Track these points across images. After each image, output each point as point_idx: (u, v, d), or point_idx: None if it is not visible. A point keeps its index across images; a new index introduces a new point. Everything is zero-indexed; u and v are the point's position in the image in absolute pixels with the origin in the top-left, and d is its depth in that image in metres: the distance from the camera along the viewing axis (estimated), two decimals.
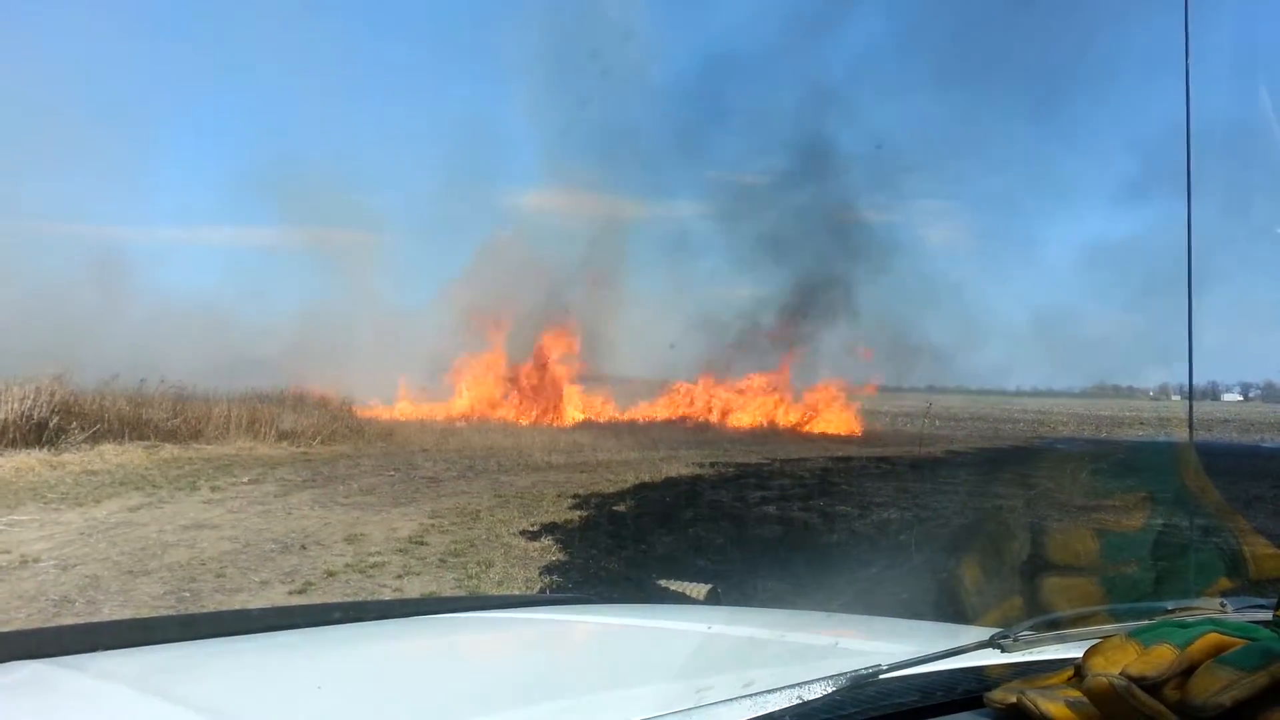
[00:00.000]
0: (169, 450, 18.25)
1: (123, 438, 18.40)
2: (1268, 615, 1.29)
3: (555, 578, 8.76)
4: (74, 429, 17.80)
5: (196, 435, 19.77)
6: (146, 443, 18.51)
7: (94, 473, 15.19)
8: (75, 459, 16.32)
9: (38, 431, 17.15)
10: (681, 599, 7.71)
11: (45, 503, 12.29)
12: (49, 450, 16.65)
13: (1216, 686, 1.08)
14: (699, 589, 7.96)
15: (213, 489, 13.95)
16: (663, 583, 8.41)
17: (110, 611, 7.30)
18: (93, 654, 1.71)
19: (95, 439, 17.86)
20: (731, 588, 8.12)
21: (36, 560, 8.90)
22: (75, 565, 8.75)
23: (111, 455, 17.01)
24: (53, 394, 17.93)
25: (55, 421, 17.53)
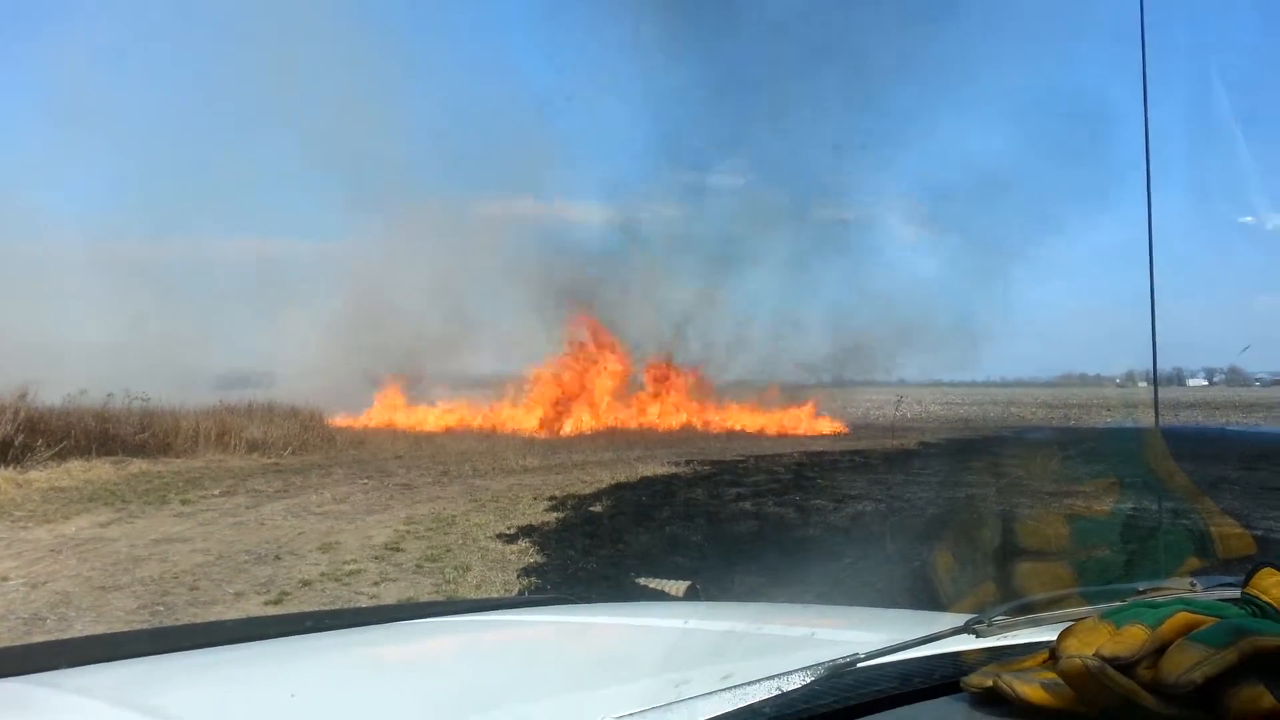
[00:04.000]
0: (137, 465, 18.05)
1: (90, 453, 18.18)
2: (1236, 593, 1.30)
3: (533, 579, 8.75)
4: (40, 446, 17.57)
5: (165, 449, 19.57)
6: (114, 458, 18.29)
7: (61, 489, 14.99)
8: (42, 476, 16.10)
9: (2, 449, 16.91)
10: (660, 596, 7.72)
11: (13, 521, 12.11)
12: (15, 468, 16.42)
13: (1188, 664, 1.10)
14: (677, 586, 7.95)
15: (183, 502, 13.81)
16: (641, 581, 8.41)
17: (82, 628, 7.21)
18: (64, 670, 1.69)
19: (62, 455, 17.63)
20: (709, 583, 8.13)
21: (5, 579, 8.78)
22: (45, 582, 8.63)
23: (79, 471, 16.80)
24: (17, 411, 17.69)
25: (20, 439, 17.29)
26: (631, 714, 1.08)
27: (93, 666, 1.75)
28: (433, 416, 30.98)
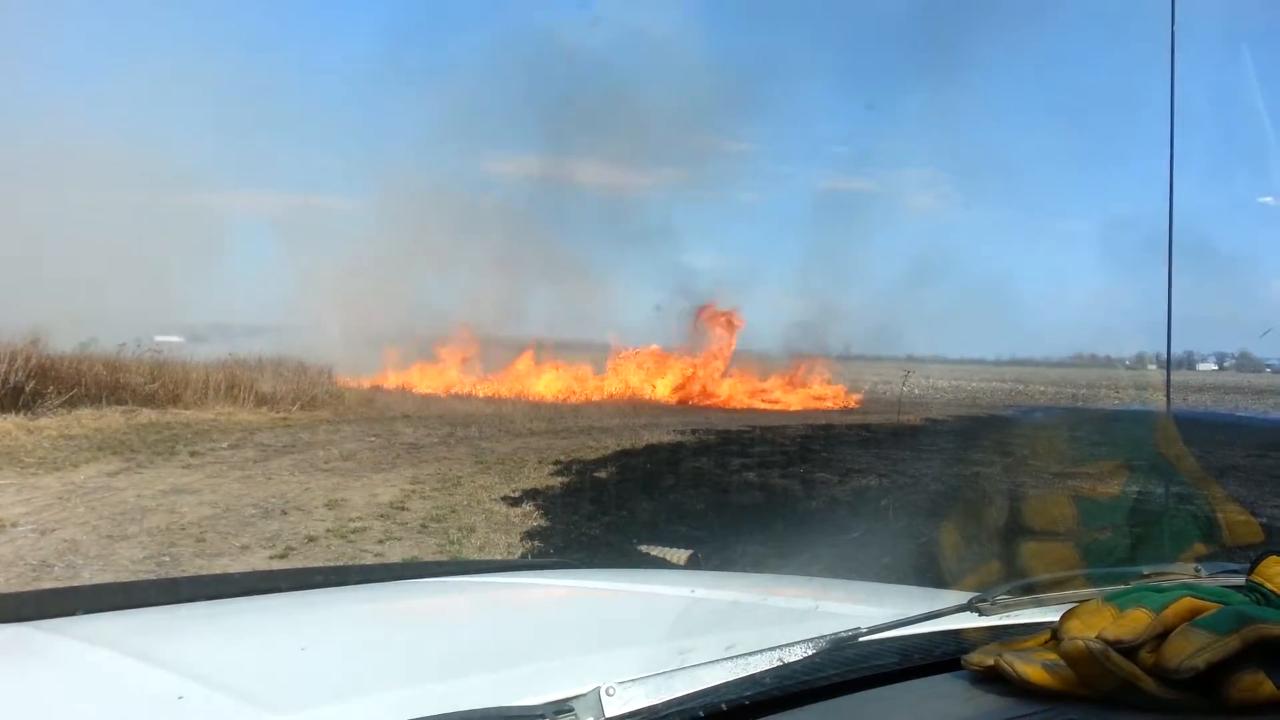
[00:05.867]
0: (147, 415, 18.14)
1: (100, 402, 18.26)
2: (1241, 580, 1.30)
3: (536, 543, 8.80)
4: (51, 393, 17.65)
5: (175, 400, 19.64)
6: (124, 407, 18.38)
7: (71, 437, 15.09)
8: (52, 423, 16.21)
9: (14, 396, 16.99)
10: (662, 564, 7.76)
11: (22, 467, 12.21)
12: (25, 415, 16.51)
13: (1190, 649, 1.10)
14: (679, 554, 8.01)
15: (192, 454, 13.90)
16: (643, 548, 8.46)
17: (89, 576, 7.28)
18: (72, 617, 1.71)
19: (72, 403, 17.72)
20: (713, 553, 8.17)
21: (14, 525, 8.86)
22: (53, 530, 8.72)
23: (89, 420, 16.90)
24: (28, 358, 17.76)
25: (31, 386, 17.37)
26: (634, 679, 1.08)
27: (101, 615, 1.77)
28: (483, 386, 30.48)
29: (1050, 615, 1.33)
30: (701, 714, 1.08)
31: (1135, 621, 1.16)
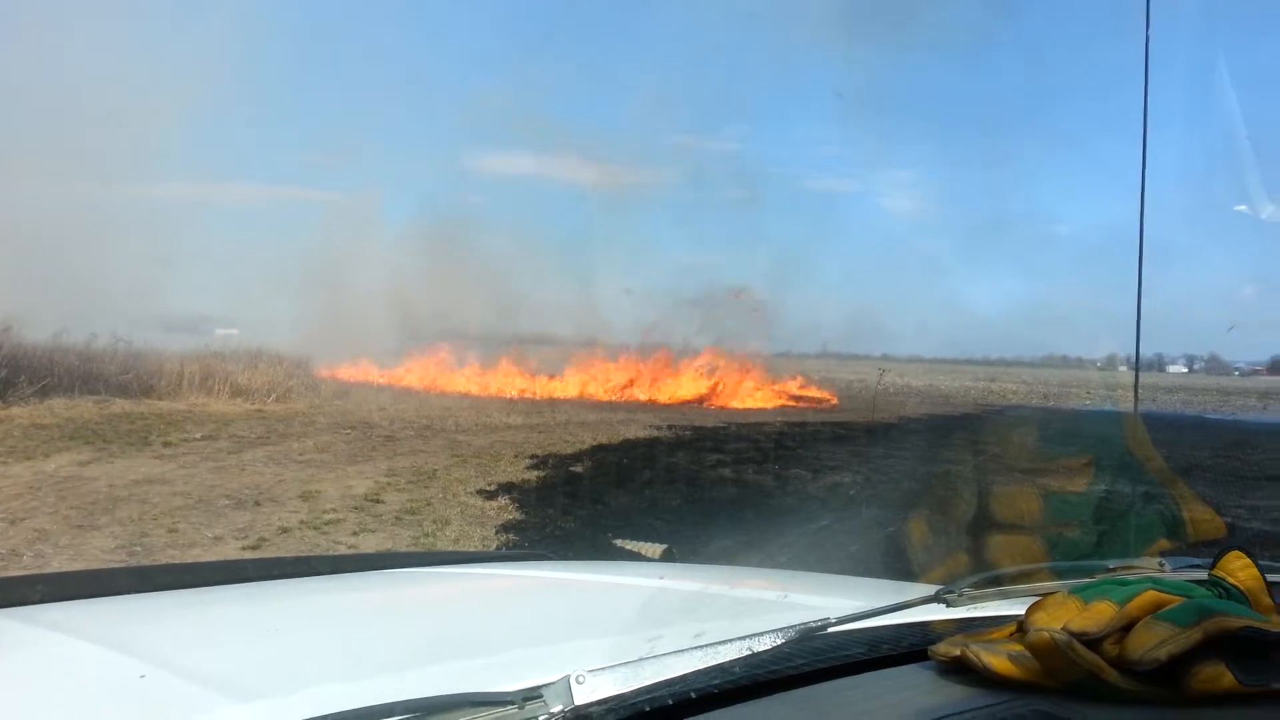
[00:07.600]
0: (120, 405, 17.97)
1: (73, 392, 18.09)
2: (1204, 575, 1.32)
3: (511, 536, 8.78)
4: (22, 382, 17.46)
5: (148, 391, 19.48)
6: (97, 397, 18.21)
7: (43, 426, 14.93)
8: (23, 412, 16.03)
9: None
10: (637, 558, 7.77)
11: None
12: None
13: (1153, 641, 1.12)
14: (654, 549, 8.02)
15: (164, 444, 13.78)
16: (618, 542, 8.46)
17: (59, 565, 7.22)
18: (41, 605, 1.70)
19: (44, 393, 17.54)
20: (685, 546, 8.18)
21: None
22: (23, 519, 8.63)
23: (61, 409, 16.73)
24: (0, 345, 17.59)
25: (3, 374, 17.18)
26: (603, 668, 1.09)
27: (71, 602, 1.76)
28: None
29: (1016, 607, 1.35)
30: (670, 702, 1.09)
31: (1100, 614, 1.18)
